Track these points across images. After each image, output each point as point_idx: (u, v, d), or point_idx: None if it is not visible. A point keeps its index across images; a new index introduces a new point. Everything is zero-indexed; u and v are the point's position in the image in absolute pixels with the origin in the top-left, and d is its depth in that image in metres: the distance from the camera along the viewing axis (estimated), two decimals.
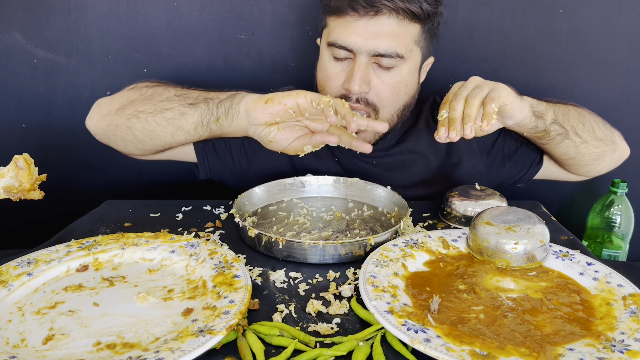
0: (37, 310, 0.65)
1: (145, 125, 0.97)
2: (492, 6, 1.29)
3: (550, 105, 0.97)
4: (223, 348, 0.59)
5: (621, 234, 1.30)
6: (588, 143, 0.99)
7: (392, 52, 0.95)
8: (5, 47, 1.27)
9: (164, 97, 0.98)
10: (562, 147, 1.00)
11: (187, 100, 0.97)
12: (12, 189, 0.71)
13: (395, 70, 0.98)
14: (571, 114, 0.99)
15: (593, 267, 0.74)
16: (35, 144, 1.35)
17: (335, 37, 0.97)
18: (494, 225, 0.76)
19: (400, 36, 0.95)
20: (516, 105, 0.88)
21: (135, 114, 0.97)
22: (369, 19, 0.93)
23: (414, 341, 0.56)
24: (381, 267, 0.72)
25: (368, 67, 0.96)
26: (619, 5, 1.28)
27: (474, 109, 0.82)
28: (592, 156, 1.03)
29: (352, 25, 0.94)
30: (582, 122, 0.99)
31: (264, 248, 0.81)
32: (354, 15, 0.93)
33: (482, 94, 0.84)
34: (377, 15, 0.93)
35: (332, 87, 1.01)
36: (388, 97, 1.00)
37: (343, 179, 1.04)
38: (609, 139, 1.03)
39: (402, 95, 1.02)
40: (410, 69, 1.01)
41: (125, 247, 0.78)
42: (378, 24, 0.93)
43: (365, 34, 0.94)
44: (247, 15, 1.29)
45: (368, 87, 0.97)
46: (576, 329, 0.62)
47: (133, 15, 1.27)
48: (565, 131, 0.97)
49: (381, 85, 0.98)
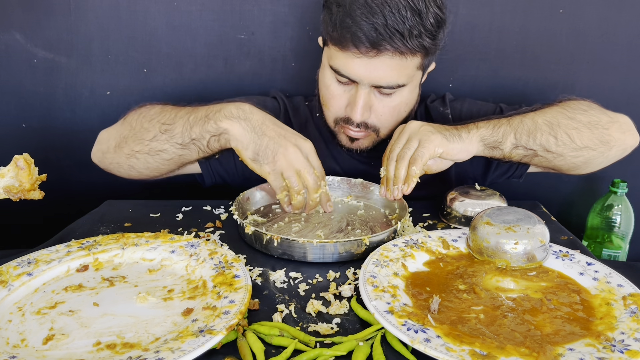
0: (37, 310, 0.65)
1: (146, 164, 0.98)
2: (492, 6, 1.29)
3: (513, 126, 0.92)
4: (223, 348, 0.59)
5: (621, 234, 1.30)
6: (564, 156, 0.94)
7: (394, 84, 0.95)
8: (5, 47, 1.27)
9: (151, 134, 0.95)
10: (534, 163, 0.98)
11: (176, 139, 0.94)
12: (12, 189, 0.71)
13: (397, 94, 0.98)
14: (540, 130, 0.93)
15: (593, 267, 0.74)
16: (35, 144, 1.35)
17: (337, 66, 0.96)
18: (494, 225, 0.76)
19: (402, 69, 0.94)
20: (452, 151, 0.89)
21: (132, 154, 0.97)
22: (371, 57, 0.92)
23: (414, 341, 0.56)
24: (381, 267, 0.72)
25: (370, 95, 0.97)
26: (619, 5, 1.28)
27: (401, 172, 0.87)
28: (573, 165, 0.97)
29: (355, 60, 0.93)
30: (555, 136, 0.93)
31: (261, 246, 0.81)
32: (356, 52, 0.92)
33: (409, 153, 0.87)
34: (379, 55, 0.91)
35: (335, 107, 1.02)
36: (388, 118, 1.01)
37: (346, 179, 1.04)
38: (597, 142, 0.95)
39: (402, 113, 1.03)
40: (411, 89, 1.01)
41: (125, 247, 0.78)
42: (380, 62, 0.92)
43: (368, 69, 0.93)
44: (247, 15, 1.28)
45: (369, 114, 0.99)
46: (576, 329, 0.62)
47: (133, 15, 1.27)
48: (533, 151, 0.93)
49: (382, 109, 0.99)
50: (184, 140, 0.95)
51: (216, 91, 1.35)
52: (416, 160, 0.86)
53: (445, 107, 1.15)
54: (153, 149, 0.96)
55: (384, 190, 0.90)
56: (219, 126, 0.90)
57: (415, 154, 0.87)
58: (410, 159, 0.87)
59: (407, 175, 0.87)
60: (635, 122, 1.40)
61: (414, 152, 0.87)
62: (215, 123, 0.90)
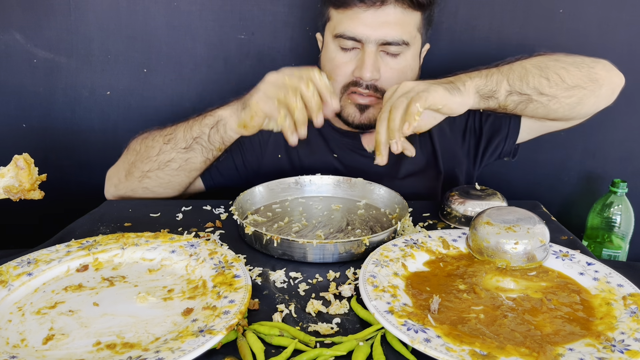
0: (37, 310, 0.65)
1: (158, 180, 1.02)
2: (492, 6, 1.29)
3: (504, 73, 0.91)
4: (223, 348, 0.59)
5: (621, 234, 1.30)
6: (558, 97, 0.93)
7: (399, 40, 0.98)
8: (5, 47, 1.27)
9: (156, 149, 1.01)
10: (529, 111, 0.95)
11: (180, 145, 1.00)
12: (12, 189, 0.71)
13: (401, 56, 1.02)
14: (531, 74, 0.92)
15: (593, 267, 0.74)
16: (35, 144, 1.35)
17: (343, 29, 0.99)
18: (494, 225, 0.76)
19: (405, 24, 0.99)
20: (453, 105, 0.86)
21: (144, 175, 1.01)
22: (375, 9, 0.96)
23: (414, 341, 0.56)
24: (381, 267, 0.72)
25: (377, 55, 1.00)
26: (619, 5, 1.28)
27: (396, 122, 0.81)
28: (568, 107, 0.96)
29: (360, 16, 0.97)
30: (547, 77, 0.92)
31: (261, 246, 0.81)
32: (362, 6, 0.96)
33: (406, 102, 0.82)
34: (383, 5, 0.96)
35: (341, 75, 1.03)
36: (397, 82, 0.99)
37: (346, 179, 1.04)
38: (586, 80, 0.94)
39: (408, 79, 1.03)
40: (414, 54, 1.04)
41: (125, 247, 0.78)
42: (384, 14, 0.97)
43: (373, 24, 0.97)
44: (247, 15, 1.29)
45: (378, 74, 1.01)
46: (576, 329, 0.61)
47: (133, 15, 1.27)
48: (527, 96, 0.92)
49: (389, 72, 1.02)
50: (187, 142, 0.99)
51: (216, 91, 1.35)
52: (420, 98, 0.80)
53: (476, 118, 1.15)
54: (162, 162, 1.00)
55: (378, 157, 0.84)
56: (214, 116, 0.98)
57: (419, 94, 0.81)
58: (411, 100, 0.81)
59: (407, 113, 0.80)
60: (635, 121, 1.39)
61: (414, 95, 0.81)
62: (211, 115, 0.98)
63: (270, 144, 1.14)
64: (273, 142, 1.14)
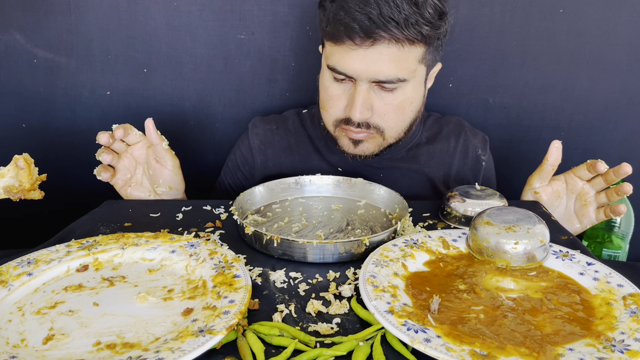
0: (37, 310, 0.65)
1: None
2: (492, 6, 1.29)
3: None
4: (223, 348, 0.59)
5: (621, 234, 1.30)
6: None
7: (393, 78, 0.91)
8: (5, 47, 1.27)
9: None
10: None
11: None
12: (12, 189, 0.71)
13: (399, 90, 0.95)
14: None
15: (593, 267, 0.74)
16: (35, 144, 1.35)
17: (334, 63, 0.94)
18: (494, 225, 0.76)
19: (401, 61, 0.91)
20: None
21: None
22: (366, 48, 0.89)
23: (414, 341, 0.56)
24: (381, 267, 0.72)
25: (369, 92, 0.94)
26: (619, 5, 1.28)
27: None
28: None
29: (351, 53, 0.90)
30: None
31: (261, 246, 0.81)
32: (351, 44, 0.89)
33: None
34: (375, 44, 0.88)
35: (334, 108, 0.99)
36: (393, 117, 0.98)
37: (346, 179, 1.04)
38: None
39: (407, 113, 0.99)
40: (415, 86, 0.97)
41: (125, 247, 0.78)
42: (377, 52, 0.89)
43: (364, 62, 0.90)
44: (247, 15, 1.28)
45: (370, 113, 0.95)
46: (576, 329, 0.61)
47: (133, 15, 1.27)
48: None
49: (384, 108, 0.96)
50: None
51: (216, 91, 1.35)
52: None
53: (484, 152, 1.18)
54: None
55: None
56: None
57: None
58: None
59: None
60: (635, 121, 1.39)
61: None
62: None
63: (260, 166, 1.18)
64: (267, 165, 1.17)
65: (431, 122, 1.20)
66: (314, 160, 1.14)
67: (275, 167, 1.15)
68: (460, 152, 1.16)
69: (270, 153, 1.17)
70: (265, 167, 1.16)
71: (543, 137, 1.39)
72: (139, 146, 0.99)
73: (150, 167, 1.00)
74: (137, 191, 1.02)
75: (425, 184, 1.14)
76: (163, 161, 0.99)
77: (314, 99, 1.32)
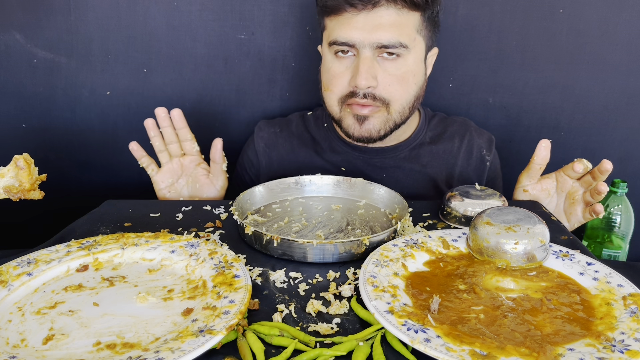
0: (37, 310, 0.65)
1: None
2: (492, 6, 1.29)
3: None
4: (223, 348, 0.59)
5: (621, 234, 1.30)
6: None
7: (395, 42, 0.94)
8: (5, 47, 1.27)
9: None
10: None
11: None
12: (12, 189, 0.71)
13: (401, 60, 0.97)
14: None
15: (593, 267, 0.74)
16: (35, 144, 1.35)
17: (335, 35, 0.96)
18: (494, 225, 0.76)
19: (401, 25, 0.94)
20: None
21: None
22: (367, 12, 0.93)
23: (414, 341, 0.56)
24: (381, 267, 0.72)
25: (373, 60, 0.96)
26: (619, 5, 1.28)
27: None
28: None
29: (352, 20, 0.94)
30: None
31: (261, 246, 0.81)
32: (352, 10, 0.93)
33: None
34: (376, 7, 0.92)
35: (337, 85, 1.00)
36: (397, 88, 0.99)
37: (346, 179, 1.04)
38: None
39: (411, 85, 1.01)
40: (416, 59, 1.00)
41: (125, 247, 0.78)
42: (377, 16, 0.93)
43: (366, 27, 0.93)
44: (247, 15, 1.28)
45: (375, 81, 0.97)
46: (576, 329, 0.62)
47: (133, 15, 1.27)
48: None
49: (388, 78, 0.98)
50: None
51: (216, 91, 1.35)
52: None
53: (490, 152, 1.19)
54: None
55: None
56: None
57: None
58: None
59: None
60: (635, 121, 1.39)
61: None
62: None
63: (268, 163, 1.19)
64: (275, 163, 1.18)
65: (436, 122, 1.20)
66: (318, 162, 1.15)
67: (279, 169, 1.17)
68: (464, 152, 1.16)
69: (275, 156, 1.18)
70: (270, 169, 1.18)
71: (543, 137, 1.38)
72: (192, 158, 1.05)
73: (198, 182, 1.05)
74: (173, 197, 1.07)
75: (428, 184, 1.14)
76: (216, 180, 1.05)
77: (314, 99, 1.33)
